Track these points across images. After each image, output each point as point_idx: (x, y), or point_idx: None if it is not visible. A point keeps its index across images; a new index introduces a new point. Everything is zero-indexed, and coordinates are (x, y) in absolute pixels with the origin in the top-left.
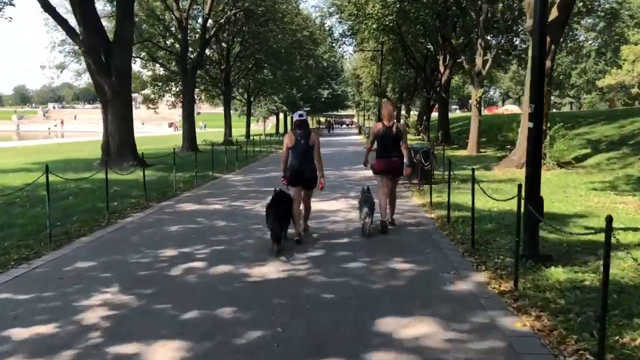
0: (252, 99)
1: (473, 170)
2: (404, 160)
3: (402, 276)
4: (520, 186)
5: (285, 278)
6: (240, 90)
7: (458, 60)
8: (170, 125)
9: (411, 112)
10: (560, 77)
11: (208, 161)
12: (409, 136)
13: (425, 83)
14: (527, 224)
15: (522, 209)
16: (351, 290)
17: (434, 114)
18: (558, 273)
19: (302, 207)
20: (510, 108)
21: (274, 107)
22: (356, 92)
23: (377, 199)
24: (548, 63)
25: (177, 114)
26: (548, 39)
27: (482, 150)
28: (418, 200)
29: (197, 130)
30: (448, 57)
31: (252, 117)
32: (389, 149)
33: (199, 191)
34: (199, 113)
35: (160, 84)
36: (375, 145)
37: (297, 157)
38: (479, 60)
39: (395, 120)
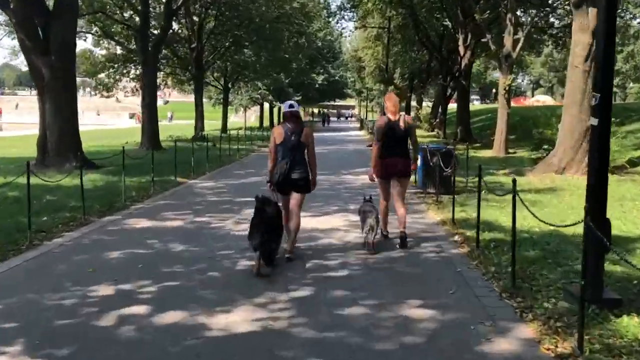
0: (230, 85)
1: (514, 181)
2: (411, 156)
3: (419, 329)
4: (589, 207)
5: (258, 332)
6: (216, 74)
7: (482, 40)
8: (132, 116)
9: (423, 104)
10: None
11: (172, 162)
12: (420, 132)
13: (442, 68)
14: (588, 256)
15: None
16: (349, 353)
17: (451, 106)
18: (633, 326)
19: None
20: (541, 99)
21: (257, 96)
22: (357, 78)
23: (380, 208)
24: None
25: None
26: (596, 13)
27: (510, 150)
28: (436, 216)
29: (163, 122)
30: (469, 37)
31: (230, 107)
32: (396, 147)
33: (155, 202)
34: (166, 102)
35: (116, 65)
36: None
37: (286, 156)
38: (508, 40)
39: (402, 113)
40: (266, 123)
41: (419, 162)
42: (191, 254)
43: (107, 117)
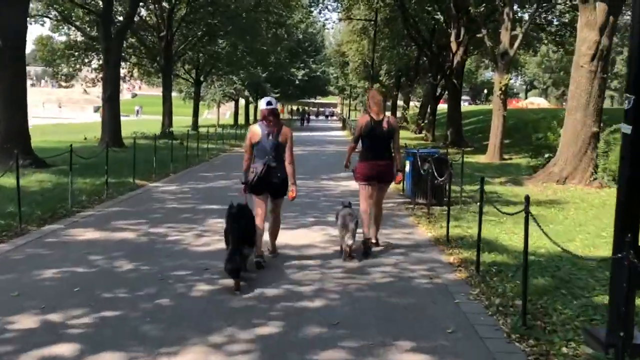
0: (202, 78)
1: (528, 199)
2: (395, 164)
3: None
4: (625, 233)
5: None
6: (187, 66)
7: (477, 36)
8: (97, 109)
9: (411, 103)
10: None
11: (132, 162)
12: (406, 134)
13: (431, 65)
14: (618, 292)
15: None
16: None
17: (441, 106)
18: None
19: (267, 222)
20: (536, 101)
21: (232, 91)
22: (340, 74)
23: (361, 212)
24: (605, 41)
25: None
26: (605, 8)
27: (506, 155)
28: (427, 232)
29: (130, 117)
30: (463, 32)
31: (202, 103)
32: (378, 149)
33: (107, 208)
34: (134, 95)
35: (76, 54)
36: (360, 144)
37: (262, 156)
38: (505, 36)
39: (386, 114)
40: (242, 120)
41: (407, 167)
42: (139, 275)
43: (70, 110)
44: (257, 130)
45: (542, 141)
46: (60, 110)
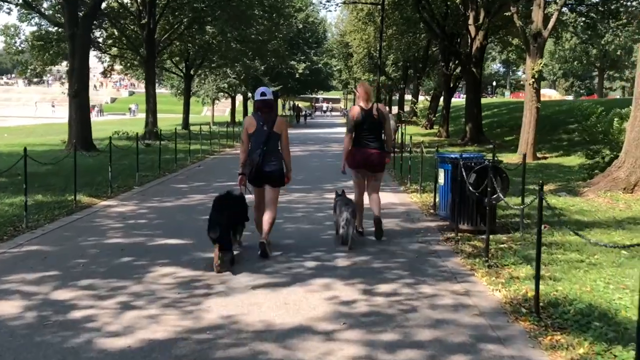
0: (193, 72)
1: None
2: (385, 149)
3: None
4: None
5: None
6: (176, 58)
7: (506, 14)
8: (93, 108)
9: (420, 97)
10: (619, 53)
11: (93, 170)
12: (416, 130)
13: (445, 53)
14: None
15: None
16: None
17: (455, 100)
18: None
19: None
20: (547, 93)
21: (225, 85)
22: (344, 67)
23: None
24: None
25: (107, 94)
26: None
27: (539, 154)
28: (492, 289)
29: (125, 117)
30: (483, 14)
31: (196, 99)
32: (369, 137)
33: (12, 249)
34: (132, 93)
35: (48, 45)
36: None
37: (258, 146)
38: (537, 15)
39: (374, 101)
40: (239, 118)
41: (441, 178)
42: None
43: (66, 109)
44: (252, 121)
45: (575, 136)
46: (54, 110)
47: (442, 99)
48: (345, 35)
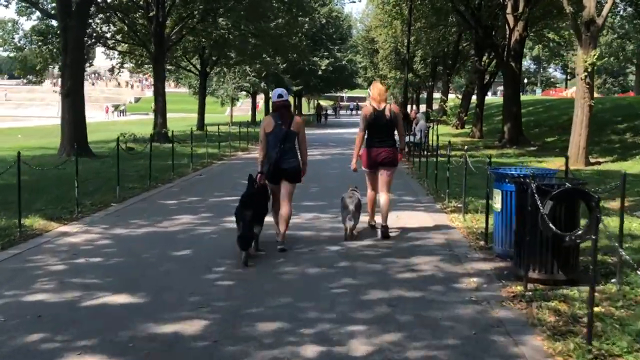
0: (208, 69)
1: None
2: (397, 146)
3: None
4: None
5: None
6: (189, 55)
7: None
8: (116, 108)
9: (449, 95)
10: None
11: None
12: (448, 131)
13: (479, 47)
14: None
15: None
16: None
17: (490, 98)
18: None
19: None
20: None
21: (246, 84)
22: (369, 64)
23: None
24: None
25: (132, 94)
26: None
27: (591, 159)
28: None
29: (145, 116)
30: (522, 2)
31: (214, 99)
32: (382, 136)
33: None
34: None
35: (45, 39)
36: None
37: (275, 145)
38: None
39: (388, 102)
40: (260, 117)
41: (497, 203)
42: None
43: (88, 109)
44: (270, 121)
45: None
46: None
47: (474, 96)
48: (371, 30)
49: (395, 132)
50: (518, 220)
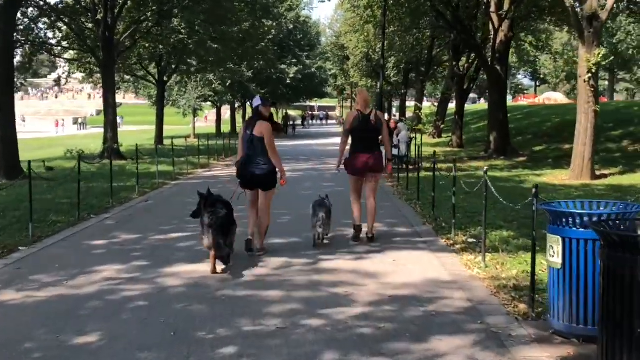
0: (167, 77)
1: None
2: (384, 155)
3: None
4: None
5: None
6: (146, 62)
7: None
8: (77, 121)
9: (424, 103)
10: (631, 51)
11: None
12: (424, 140)
13: (457, 49)
14: None
15: None
16: None
17: (470, 106)
18: None
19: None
20: (552, 96)
21: (210, 93)
22: (339, 72)
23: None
24: None
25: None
26: None
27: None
28: None
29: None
30: (507, 0)
31: (176, 110)
32: (367, 142)
33: None
34: (119, 104)
35: None
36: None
37: (245, 151)
38: None
39: (373, 108)
40: (226, 129)
41: (556, 259)
42: None
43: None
44: (243, 127)
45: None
46: (24, 123)
47: (451, 103)
48: (341, 36)
49: (381, 139)
50: (607, 289)
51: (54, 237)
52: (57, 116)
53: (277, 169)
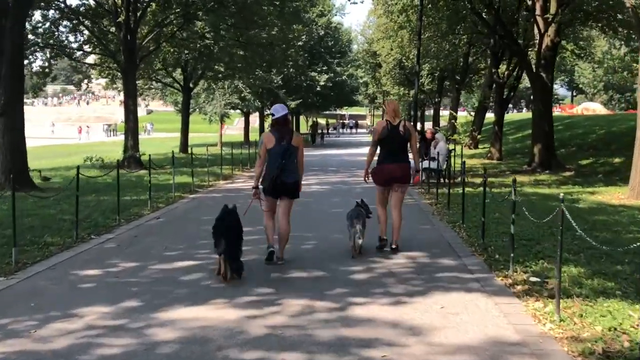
0: (192, 84)
1: None
2: (412, 165)
3: None
4: None
5: None
6: (170, 68)
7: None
8: (108, 128)
9: (460, 112)
10: None
11: None
12: (458, 151)
13: (496, 56)
14: None
15: None
16: None
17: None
18: None
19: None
20: (591, 107)
21: (237, 101)
22: (371, 80)
23: (378, 214)
24: None
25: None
26: None
27: None
28: None
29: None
30: (554, 2)
31: (203, 117)
32: (396, 152)
33: None
34: (150, 111)
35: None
36: (378, 150)
37: (276, 161)
38: None
39: (402, 118)
40: (255, 137)
41: None
42: None
43: (64, 128)
44: (271, 137)
45: None
46: (53, 129)
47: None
48: (373, 43)
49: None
50: None
51: (42, 264)
52: (88, 122)
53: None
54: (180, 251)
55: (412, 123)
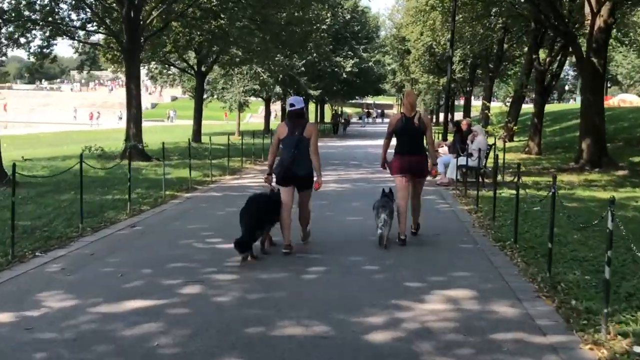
0: (204, 68)
1: None
2: (429, 158)
3: None
4: None
5: None
6: (180, 50)
7: None
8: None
9: (493, 102)
10: None
11: None
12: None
13: (537, 40)
14: None
15: None
16: None
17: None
18: None
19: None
20: (628, 98)
21: (256, 87)
22: (399, 67)
23: (399, 207)
24: None
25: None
26: None
27: None
28: None
29: (160, 123)
30: None
31: (222, 105)
32: (410, 144)
33: None
34: (175, 98)
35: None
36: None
37: (289, 151)
38: None
39: (418, 110)
40: (274, 126)
41: None
42: None
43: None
44: (284, 128)
45: None
46: (75, 115)
47: (526, 104)
48: (402, 28)
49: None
50: None
51: None
52: (113, 109)
53: (314, 172)
54: (140, 281)
55: (442, 113)
